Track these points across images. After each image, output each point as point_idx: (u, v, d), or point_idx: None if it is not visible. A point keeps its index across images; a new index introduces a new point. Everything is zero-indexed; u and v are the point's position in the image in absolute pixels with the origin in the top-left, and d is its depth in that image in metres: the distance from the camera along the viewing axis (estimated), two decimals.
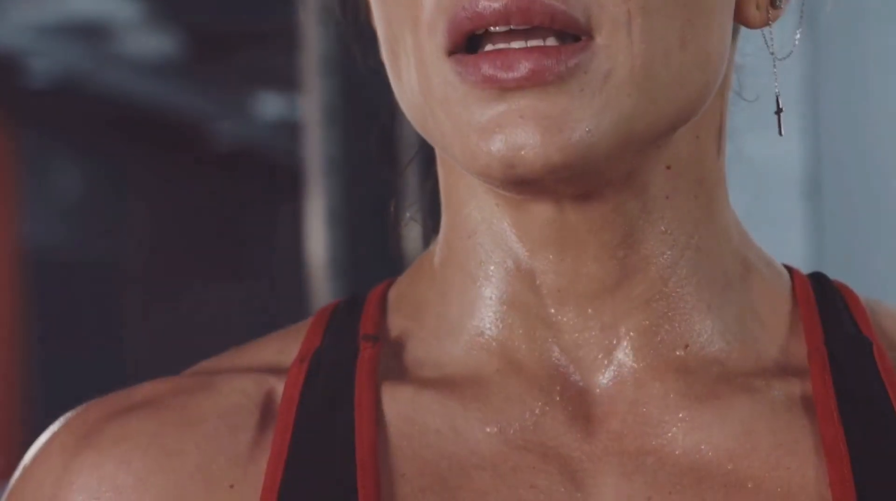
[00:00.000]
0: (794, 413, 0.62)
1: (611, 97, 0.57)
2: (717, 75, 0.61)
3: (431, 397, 0.62)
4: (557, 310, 0.62)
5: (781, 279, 0.66)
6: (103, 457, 0.61)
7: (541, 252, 0.61)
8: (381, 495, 0.60)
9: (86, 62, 6.11)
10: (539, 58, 0.56)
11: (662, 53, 0.58)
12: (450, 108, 0.58)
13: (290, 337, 0.65)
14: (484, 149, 0.57)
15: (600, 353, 0.62)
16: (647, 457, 0.61)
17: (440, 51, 0.57)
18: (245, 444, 0.62)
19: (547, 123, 0.56)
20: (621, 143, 0.58)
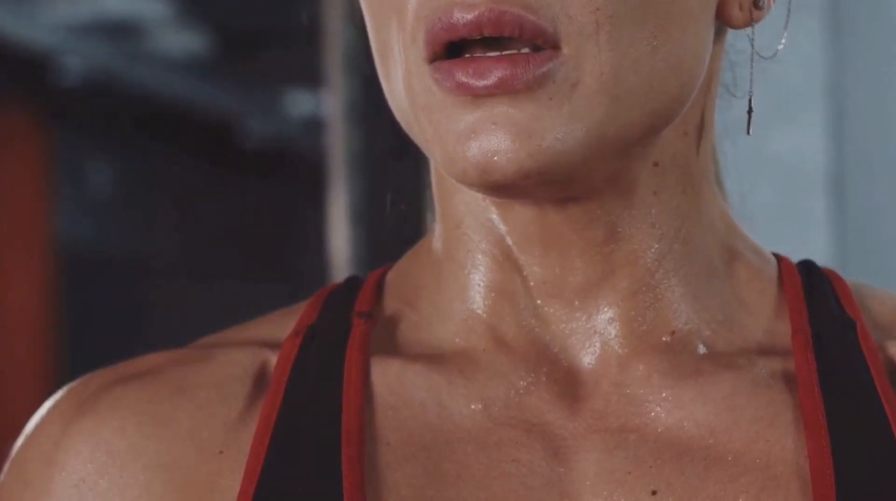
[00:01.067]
0: (776, 388, 0.63)
1: (579, 106, 0.59)
2: (693, 77, 0.62)
3: (418, 371, 0.64)
4: (544, 302, 0.64)
5: (768, 266, 0.68)
6: (99, 423, 0.64)
7: (526, 247, 0.63)
8: (364, 461, 0.61)
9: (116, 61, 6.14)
10: (509, 67, 0.58)
11: (632, 61, 0.60)
12: (431, 114, 0.60)
13: (289, 315, 0.68)
14: (461, 155, 0.59)
15: (586, 341, 0.64)
16: (629, 434, 0.62)
17: (421, 59, 0.60)
18: (236, 412, 0.64)
19: (517, 130, 0.58)
20: (594, 150, 0.60)
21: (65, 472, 0.63)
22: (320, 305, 0.67)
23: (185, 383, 0.65)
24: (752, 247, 0.68)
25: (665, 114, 0.62)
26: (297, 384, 0.63)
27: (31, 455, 0.65)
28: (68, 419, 0.65)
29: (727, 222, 0.68)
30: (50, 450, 0.64)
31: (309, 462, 0.61)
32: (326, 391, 0.63)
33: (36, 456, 0.65)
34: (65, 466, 0.63)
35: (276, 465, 0.61)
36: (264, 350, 0.66)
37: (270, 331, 0.67)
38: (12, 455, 0.66)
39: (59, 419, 0.65)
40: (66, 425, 0.64)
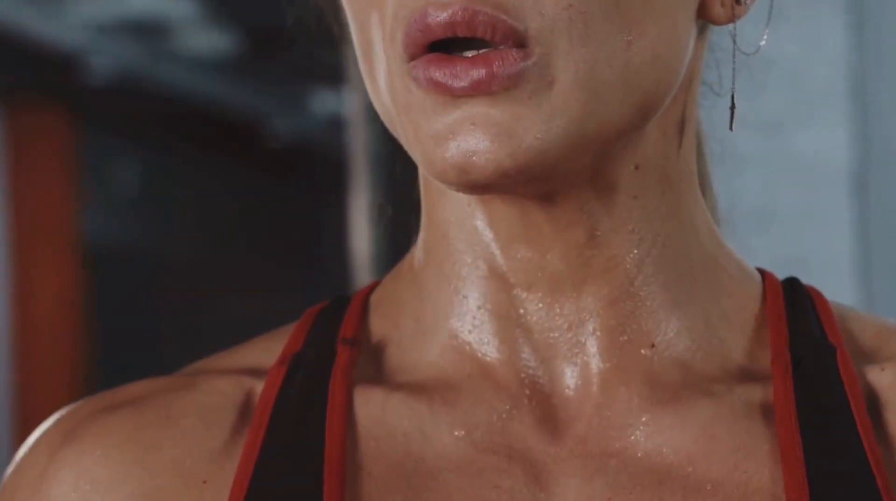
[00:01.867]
0: (754, 418, 0.63)
1: (558, 103, 0.59)
2: (670, 73, 0.62)
3: (401, 400, 0.64)
4: (526, 310, 0.63)
5: (751, 281, 0.67)
6: (84, 452, 0.64)
7: (510, 250, 0.63)
8: (347, 492, 0.61)
9: (143, 60, 6.16)
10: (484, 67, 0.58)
11: (606, 56, 0.59)
12: (410, 114, 0.60)
13: (275, 339, 0.67)
14: (439, 155, 0.59)
15: (568, 352, 0.63)
16: (609, 459, 0.62)
17: (400, 58, 0.60)
18: (220, 442, 0.64)
19: (497, 130, 0.58)
20: (574, 146, 0.59)
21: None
22: (307, 330, 0.67)
23: (170, 411, 0.65)
24: (735, 260, 0.68)
25: (643, 109, 0.61)
26: (281, 415, 0.64)
27: (19, 484, 0.66)
28: (54, 449, 0.65)
29: (710, 230, 0.67)
30: (36, 479, 0.65)
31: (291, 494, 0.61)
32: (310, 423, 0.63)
33: (23, 485, 0.65)
34: (49, 495, 0.64)
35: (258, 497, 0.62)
36: (249, 379, 0.66)
37: (257, 357, 0.67)
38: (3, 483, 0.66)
39: (46, 448, 0.66)
40: (52, 454, 0.65)
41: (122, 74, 6.09)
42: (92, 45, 5.83)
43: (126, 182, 7.11)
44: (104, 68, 6.00)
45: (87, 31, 5.76)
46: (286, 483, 0.61)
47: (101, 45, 5.87)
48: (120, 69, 6.06)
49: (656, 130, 0.63)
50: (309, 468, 0.61)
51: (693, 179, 0.66)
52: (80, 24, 5.71)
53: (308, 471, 0.61)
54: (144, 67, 6.16)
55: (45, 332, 6.58)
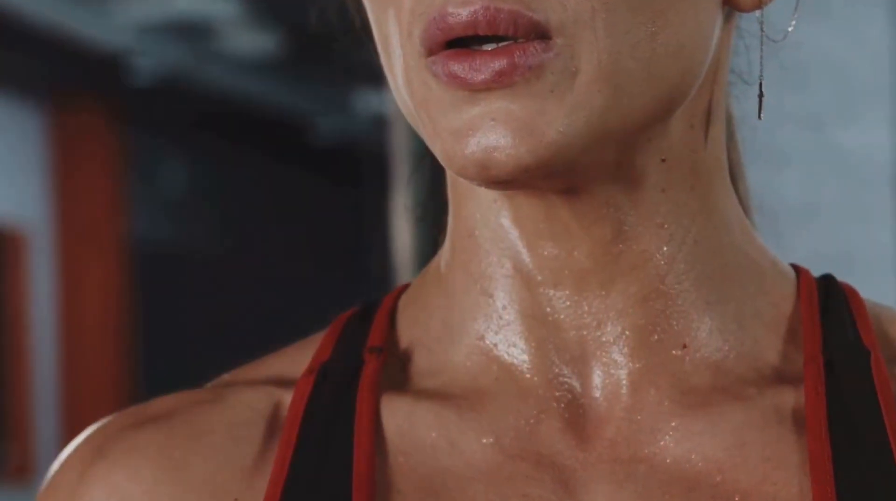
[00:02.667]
0: (785, 426, 0.62)
1: (581, 95, 0.57)
2: (695, 63, 0.60)
3: (428, 409, 0.63)
4: (553, 307, 0.62)
5: (786, 279, 0.65)
6: (114, 468, 0.64)
7: (536, 247, 0.62)
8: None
9: (189, 61, 6.19)
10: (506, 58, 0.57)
11: (629, 47, 0.58)
12: (429, 110, 0.59)
13: (304, 348, 0.67)
14: (459, 152, 0.58)
15: (597, 351, 0.62)
16: (639, 465, 0.61)
17: (418, 54, 0.59)
18: (250, 457, 0.63)
19: (517, 125, 0.57)
20: (596, 139, 0.58)
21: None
22: (335, 338, 0.66)
23: (199, 426, 0.64)
24: (768, 257, 0.65)
25: (667, 101, 0.60)
26: (310, 430, 0.63)
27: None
28: (85, 466, 0.65)
29: (743, 226, 0.65)
30: (67, 496, 0.65)
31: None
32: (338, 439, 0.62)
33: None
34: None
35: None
36: (278, 390, 0.65)
37: (286, 367, 0.66)
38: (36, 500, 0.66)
39: (78, 465, 0.65)
40: (83, 471, 0.64)
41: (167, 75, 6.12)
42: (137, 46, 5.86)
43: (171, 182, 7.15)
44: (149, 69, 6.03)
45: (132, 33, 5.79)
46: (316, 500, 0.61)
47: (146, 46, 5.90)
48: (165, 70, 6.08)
49: (682, 121, 0.62)
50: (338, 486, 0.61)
51: (723, 172, 0.64)
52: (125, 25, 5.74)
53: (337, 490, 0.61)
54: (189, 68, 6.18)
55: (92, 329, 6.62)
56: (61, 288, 6.55)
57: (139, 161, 6.98)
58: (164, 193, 7.25)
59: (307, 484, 0.62)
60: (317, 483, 0.62)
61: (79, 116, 6.53)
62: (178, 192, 7.32)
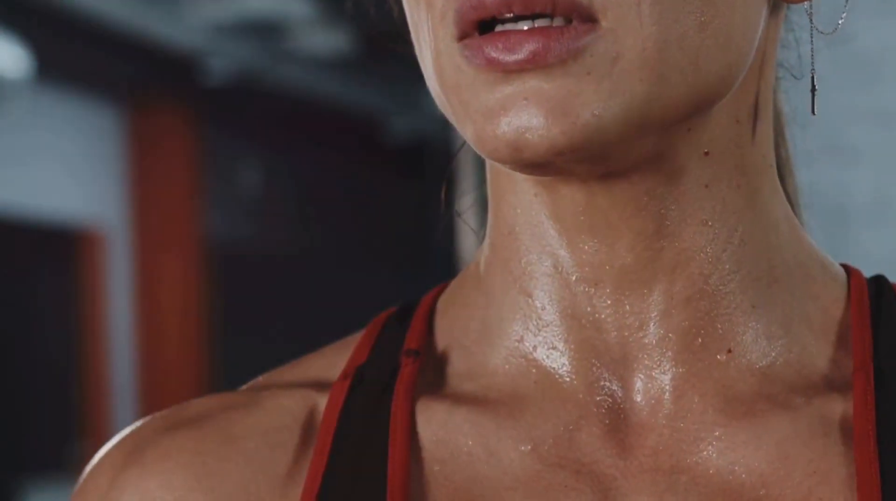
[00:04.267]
0: (832, 438, 0.60)
1: (620, 81, 0.55)
2: (742, 55, 0.58)
3: (465, 416, 0.62)
4: (594, 307, 0.60)
5: (836, 282, 0.63)
6: (146, 474, 0.63)
7: (577, 242, 0.60)
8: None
9: (262, 60, 6.23)
10: (541, 39, 0.55)
11: (678, 36, 0.56)
12: (460, 93, 0.57)
13: (341, 350, 0.66)
14: (490, 132, 0.56)
15: (639, 353, 0.60)
16: (680, 476, 0.60)
17: (451, 37, 0.57)
18: (285, 465, 0.62)
19: (551, 106, 0.55)
20: (634, 127, 0.56)
21: None
22: (373, 340, 0.65)
23: (233, 432, 0.63)
24: (818, 258, 0.63)
25: (710, 94, 0.58)
26: (344, 437, 0.62)
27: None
28: (117, 471, 0.63)
29: (792, 225, 0.63)
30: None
31: None
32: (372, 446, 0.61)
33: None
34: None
35: None
36: (313, 394, 0.64)
37: (322, 370, 0.65)
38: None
39: (109, 469, 0.64)
40: (115, 476, 0.63)
41: (241, 75, 6.16)
42: (212, 46, 5.90)
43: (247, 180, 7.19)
44: (224, 69, 6.07)
45: (205, 33, 5.83)
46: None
47: (220, 47, 5.94)
48: (239, 70, 6.12)
49: (727, 115, 0.60)
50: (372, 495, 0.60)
51: (771, 170, 0.62)
52: (200, 25, 5.78)
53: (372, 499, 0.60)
54: (263, 67, 6.22)
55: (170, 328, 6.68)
56: (139, 288, 6.61)
57: (215, 160, 7.03)
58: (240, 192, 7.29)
59: (341, 494, 0.61)
60: (351, 493, 0.61)
61: (155, 117, 6.58)
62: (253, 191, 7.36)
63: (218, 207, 7.10)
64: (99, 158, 6.35)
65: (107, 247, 6.40)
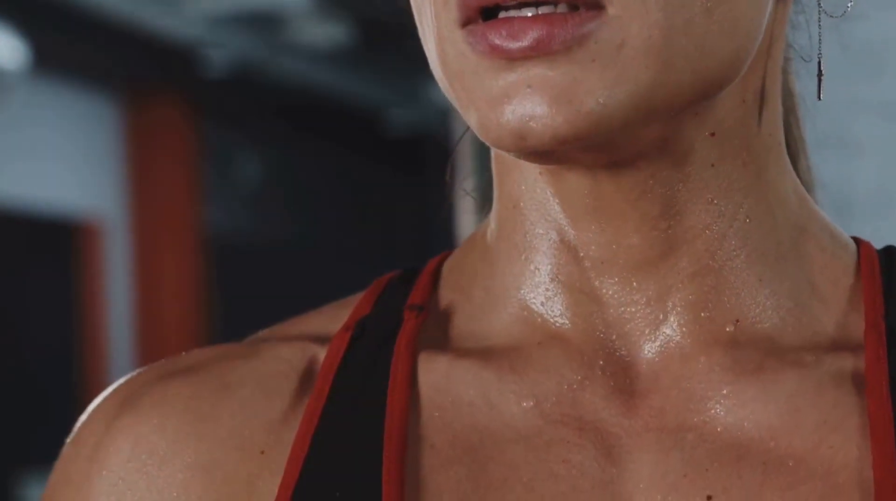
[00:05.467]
0: (843, 389, 0.59)
1: (626, 68, 0.55)
2: (748, 40, 0.58)
3: (467, 368, 0.61)
4: (601, 283, 0.60)
5: (845, 252, 0.63)
6: (140, 420, 0.62)
7: (582, 223, 0.60)
8: (407, 464, 0.59)
9: (260, 52, 6.22)
10: (545, 26, 0.54)
11: (683, 22, 0.56)
12: (463, 80, 0.56)
13: (343, 307, 0.65)
14: (494, 120, 0.55)
15: (646, 328, 0.60)
16: (687, 434, 0.59)
17: (454, 23, 0.57)
18: (279, 411, 0.62)
19: (555, 93, 0.54)
20: (640, 115, 0.55)
21: (105, 471, 0.62)
22: (375, 296, 0.64)
23: (229, 379, 0.62)
24: (828, 229, 0.63)
25: (717, 80, 0.57)
26: (343, 383, 0.61)
27: (75, 454, 0.64)
28: (111, 417, 0.63)
29: (800, 199, 0.62)
30: (92, 448, 0.63)
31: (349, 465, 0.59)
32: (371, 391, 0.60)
33: (79, 454, 0.64)
34: (105, 464, 0.62)
35: (315, 467, 0.59)
36: (313, 346, 0.63)
37: (323, 325, 0.65)
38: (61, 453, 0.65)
39: (103, 417, 0.63)
40: (109, 422, 0.63)
41: (240, 67, 6.16)
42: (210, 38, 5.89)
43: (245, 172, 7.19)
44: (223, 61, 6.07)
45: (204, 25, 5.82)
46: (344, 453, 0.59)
47: (219, 38, 5.93)
48: (238, 62, 6.12)
49: (734, 96, 0.59)
50: (368, 438, 0.59)
51: (780, 149, 0.61)
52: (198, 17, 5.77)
53: (367, 442, 0.59)
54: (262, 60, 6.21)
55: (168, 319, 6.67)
56: (137, 280, 6.60)
57: (214, 152, 7.02)
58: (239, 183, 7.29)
59: (337, 435, 0.60)
60: (347, 434, 0.60)
61: (154, 109, 6.58)
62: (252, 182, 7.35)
63: (216, 199, 7.09)
64: (97, 150, 6.35)
65: (105, 239, 6.39)
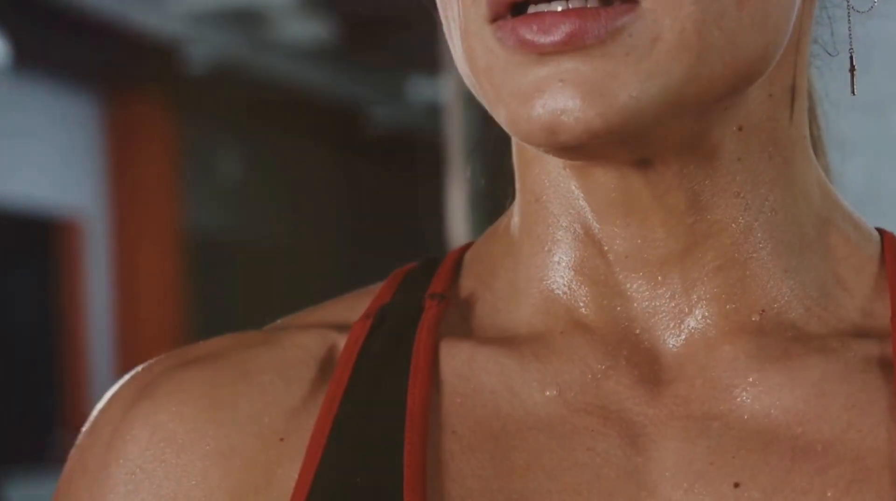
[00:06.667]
0: (870, 374, 0.59)
1: (659, 62, 0.55)
2: (778, 34, 0.58)
3: (489, 355, 0.60)
4: (626, 277, 0.60)
5: (869, 242, 0.63)
6: (158, 408, 0.62)
7: (607, 217, 0.60)
8: (428, 450, 0.58)
9: (242, 49, 6.20)
10: (577, 21, 0.54)
11: (716, 15, 0.55)
12: (492, 76, 0.56)
13: (363, 296, 0.65)
14: (524, 115, 0.55)
15: (671, 321, 0.60)
16: (713, 422, 0.59)
17: (482, 19, 0.56)
18: (299, 398, 0.61)
19: (587, 88, 0.54)
20: (672, 109, 0.55)
21: (122, 459, 0.62)
22: (395, 286, 0.64)
23: (248, 367, 0.62)
24: (851, 220, 0.63)
25: (748, 73, 0.57)
26: (363, 369, 0.60)
27: (92, 442, 0.63)
28: (128, 405, 0.62)
29: (824, 191, 0.62)
30: (109, 436, 0.62)
31: (370, 451, 0.58)
32: (392, 378, 0.60)
33: (96, 442, 0.63)
34: (122, 452, 0.62)
35: (335, 453, 0.59)
36: (333, 333, 0.63)
37: (342, 313, 0.64)
38: (77, 441, 0.64)
39: (120, 404, 0.63)
40: (126, 410, 0.62)
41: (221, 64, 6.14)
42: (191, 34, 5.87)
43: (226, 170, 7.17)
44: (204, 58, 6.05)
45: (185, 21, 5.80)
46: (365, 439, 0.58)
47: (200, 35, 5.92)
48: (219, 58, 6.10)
49: (761, 91, 0.59)
50: (389, 424, 0.58)
51: (805, 143, 0.61)
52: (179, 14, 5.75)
53: (388, 428, 0.58)
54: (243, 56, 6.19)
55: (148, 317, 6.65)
56: (117, 277, 6.58)
57: (194, 149, 7.00)
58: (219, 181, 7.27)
59: (357, 422, 0.59)
60: (368, 421, 0.59)
61: (134, 106, 6.56)
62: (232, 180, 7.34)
63: (197, 196, 7.07)
64: (77, 147, 6.32)
65: (85, 236, 6.37)
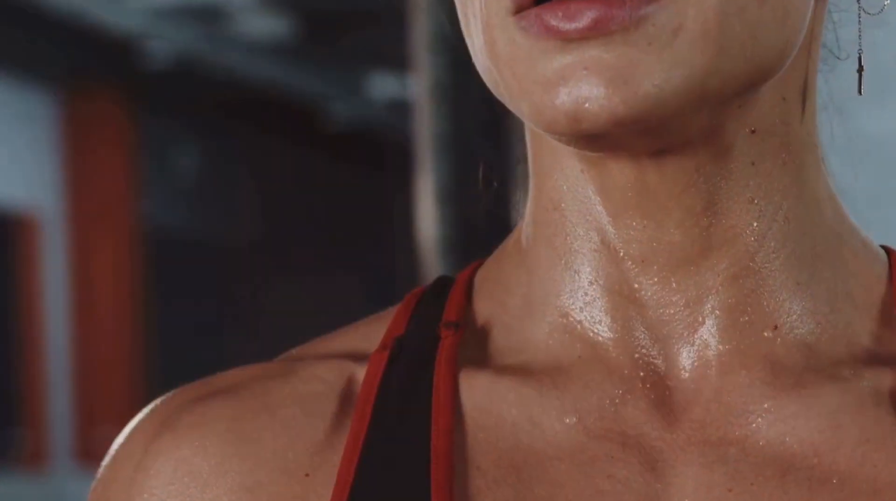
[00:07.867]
0: (883, 409, 0.60)
1: (682, 52, 0.55)
2: (796, 33, 0.59)
3: (508, 386, 0.61)
4: (640, 284, 0.60)
5: (877, 261, 0.63)
6: (180, 442, 0.62)
7: (624, 219, 0.60)
8: (455, 487, 0.59)
9: (201, 45, 6.18)
10: (602, 7, 0.55)
11: (738, 8, 0.56)
12: (515, 66, 0.56)
13: (376, 323, 0.65)
14: (548, 103, 0.55)
15: (685, 331, 0.60)
16: (729, 447, 0.60)
17: (505, 11, 0.57)
18: (322, 432, 0.62)
19: (612, 75, 0.55)
20: (693, 99, 0.56)
21: (146, 494, 0.61)
22: (409, 313, 0.64)
23: (270, 400, 0.62)
24: (859, 237, 0.64)
25: (766, 68, 0.58)
26: (385, 405, 0.61)
27: (114, 476, 0.63)
28: (150, 438, 0.62)
29: (835, 204, 0.63)
30: (132, 472, 0.62)
31: (397, 490, 0.59)
32: (415, 414, 0.61)
33: (118, 478, 0.63)
34: (146, 487, 0.62)
35: (363, 492, 0.59)
36: (350, 364, 0.63)
37: (358, 342, 0.64)
38: (98, 475, 0.64)
39: (141, 438, 0.62)
40: (148, 445, 0.62)
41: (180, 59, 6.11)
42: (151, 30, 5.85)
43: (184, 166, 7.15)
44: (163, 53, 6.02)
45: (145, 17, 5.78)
46: (392, 477, 0.60)
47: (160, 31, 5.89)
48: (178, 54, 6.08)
49: (774, 93, 0.60)
50: (415, 461, 0.59)
51: (816, 149, 0.63)
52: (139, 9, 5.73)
53: (415, 465, 0.59)
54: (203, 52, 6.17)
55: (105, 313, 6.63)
56: (74, 273, 6.55)
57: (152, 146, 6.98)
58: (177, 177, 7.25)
59: (382, 460, 0.60)
60: (392, 459, 0.60)
61: (92, 101, 6.53)
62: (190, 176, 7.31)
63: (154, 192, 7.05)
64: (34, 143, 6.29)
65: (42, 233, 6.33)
